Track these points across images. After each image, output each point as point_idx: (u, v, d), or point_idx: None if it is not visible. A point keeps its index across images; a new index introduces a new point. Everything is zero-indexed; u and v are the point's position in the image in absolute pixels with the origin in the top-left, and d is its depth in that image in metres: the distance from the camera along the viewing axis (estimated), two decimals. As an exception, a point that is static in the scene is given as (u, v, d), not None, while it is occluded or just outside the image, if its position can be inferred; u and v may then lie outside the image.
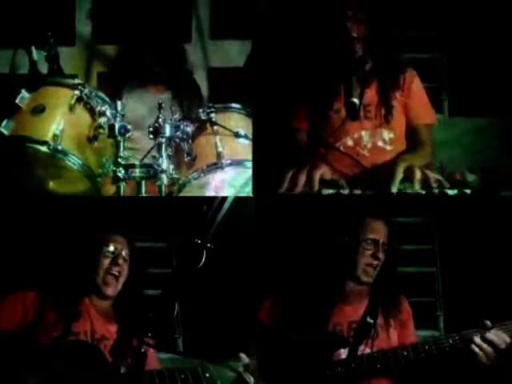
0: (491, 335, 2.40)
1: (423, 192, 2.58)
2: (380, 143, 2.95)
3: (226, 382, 2.32)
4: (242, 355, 2.35)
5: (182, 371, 2.32)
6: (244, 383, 2.26)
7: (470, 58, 3.42)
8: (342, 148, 2.95)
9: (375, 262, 2.57)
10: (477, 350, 2.40)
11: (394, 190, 2.57)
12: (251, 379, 2.28)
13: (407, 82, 2.98)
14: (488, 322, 2.43)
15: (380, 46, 2.94)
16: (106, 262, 2.46)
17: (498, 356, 2.39)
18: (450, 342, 2.44)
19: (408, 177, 2.59)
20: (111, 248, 2.48)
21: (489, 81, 3.35)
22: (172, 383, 2.30)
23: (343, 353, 2.49)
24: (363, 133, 2.93)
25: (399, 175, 2.59)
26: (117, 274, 2.46)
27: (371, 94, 2.93)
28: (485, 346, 2.39)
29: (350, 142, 2.95)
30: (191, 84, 3.42)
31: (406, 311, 2.65)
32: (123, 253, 2.49)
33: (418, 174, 2.58)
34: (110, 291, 2.46)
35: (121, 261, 2.47)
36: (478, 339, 2.41)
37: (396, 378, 2.50)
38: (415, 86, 2.99)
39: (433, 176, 2.60)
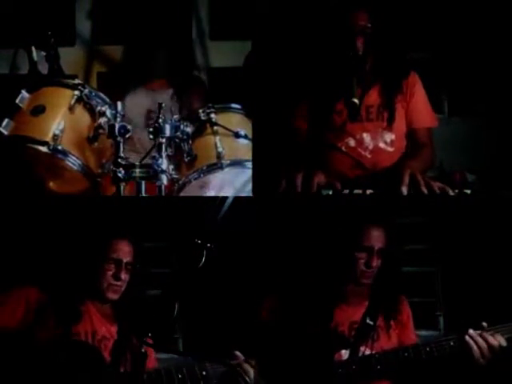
0: (487, 334, 2.41)
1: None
2: (381, 145, 2.96)
3: (223, 381, 2.31)
4: (238, 353, 2.35)
5: (179, 370, 2.32)
6: (241, 381, 2.26)
7: (470, 57, 3.42)
8: (343, 148, 2.96)
9: (369, 270, 2.55)
10: (471, 342, 2.40)
11: (405, 189, 2.58)
12: (248, 377, 2.27)
13: (410, 86, 3.00)
14: (485, 324, 2.44)
15: (384, 49, 2.96)
16: (110, 272, 2.44)
17: (493, 357, 2.40)
18: (451, 343, 2.44)
19: (412, 183, 2.60)
20: (116, 256, 2.46)
21: (489, 81, 3.35)
22: (169, 382, 2.30)
23: (344, 354, 2.49)
24: (365, 134, 2.94)
25: (406, 183, 2.59)
26: (120, 283, 2.45)
27: (374, 96, 2.95)
28: (480, 340, 2.39)
29: (351, 143, 2.95)
30: (194, 83, 3.42)
31: (405, 312, 2.65)
32: (128, 261, 2.47)
33: (421, 181, 2.59)
34: (114, 296, 2.45)
35: (124, 270, 2.46)
36: (472, 331, 2.40)
37: (397, 380, 2.50)
38: (417, 90, 3.02)
39: (434, 183, 2.60)
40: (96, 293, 2.44)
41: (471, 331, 2.41)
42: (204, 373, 2.31)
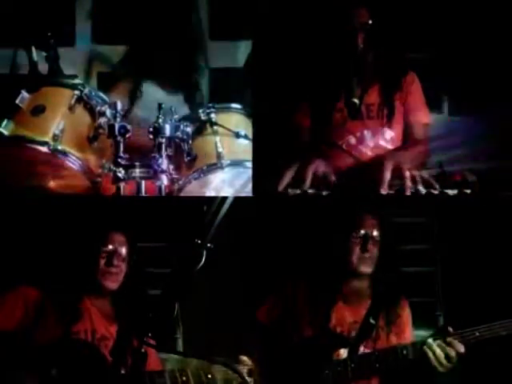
0: (444, 344, 2.44)
1: (423, 191, 2.59)
2: (382, 142, 2.98)
3: None
4: (244, 358, 2.35)
5: (183, 372, 2.32)
6: None
7: (470, 57, 3.42)
8: (344, 146, 2.97)
9: (367, 255, 2.59)
10: (428, 351, 2.44)
11: (385, 189, 2.57)
12: (252, 381, 2.28)
13: (407, 84, 3.03)
14: (450, 329, 2.46)
15: (383, 46, 2.96)
16: (103, 260, 2.46)
17: (453, 364, 2.44)
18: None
19: (397, 175, 2.60)
20: (109, 246, 2.48)
21: (489, 80, 3.35)
22: None
23: (343, 352, 2.50)
24: (366, 132, 2.96)
25: (387, 175, 2.60)
26: (115, 271, 2.47)
27: (373, 95, 2.96)
28: (437, 350, 2.43)
29: (352, 141, 2.97)
30: (193, 83, 3.42)
31: (405, 315, 2.66)
32: (122, 251, 2.49)
33: (406, 173, 2.59)
34: (111, 285, 2.46)
35: (118, 259, 2.48)
36: (430, 340, 2.46)
37: (395, 377, 2.51)
38: (414, 87, 3.04)
39: (419, 175, 2.61)
40: (94, 286, 2.45)
41: (429, 340, 2.45)
42: (209, 376, 2.32)
